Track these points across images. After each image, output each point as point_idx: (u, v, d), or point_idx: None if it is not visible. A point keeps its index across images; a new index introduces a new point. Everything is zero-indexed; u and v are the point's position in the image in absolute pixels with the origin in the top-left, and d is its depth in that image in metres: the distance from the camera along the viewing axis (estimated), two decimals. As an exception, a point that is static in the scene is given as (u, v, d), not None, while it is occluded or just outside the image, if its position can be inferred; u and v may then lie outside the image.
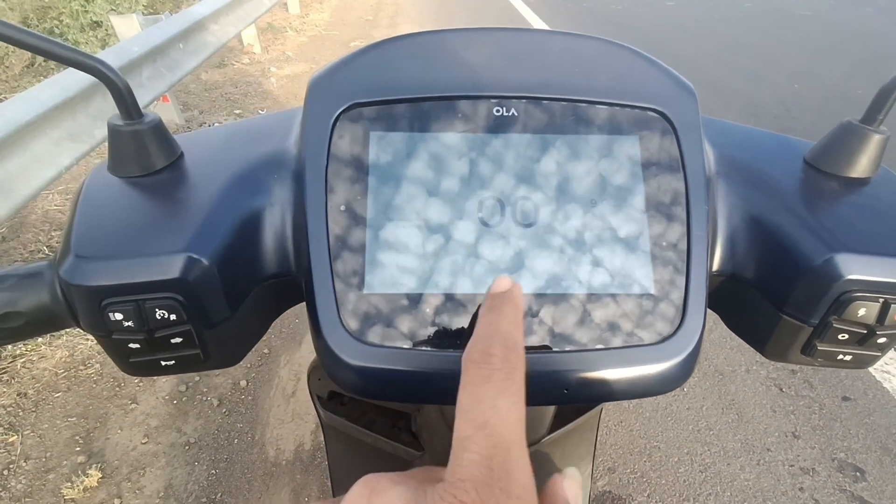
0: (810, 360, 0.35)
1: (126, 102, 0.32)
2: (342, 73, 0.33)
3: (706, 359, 1.80)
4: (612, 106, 0.33)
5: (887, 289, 0.31)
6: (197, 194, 0.33)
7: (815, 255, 0.31)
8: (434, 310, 0.30)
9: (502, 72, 0.33)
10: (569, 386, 0.30)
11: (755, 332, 0.37)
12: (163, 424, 1.60)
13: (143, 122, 0.33)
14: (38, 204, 2.52)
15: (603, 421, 1.61)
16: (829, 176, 0.36)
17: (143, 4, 4.74)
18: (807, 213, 0.33)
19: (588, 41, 0.36)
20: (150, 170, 0.33)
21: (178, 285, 0.29)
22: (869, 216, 0.33)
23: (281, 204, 0.33)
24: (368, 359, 0.30)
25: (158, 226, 0.31)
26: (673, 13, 6.40)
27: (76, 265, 0.29)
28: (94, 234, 0.30)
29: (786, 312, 0.33)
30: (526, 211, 0.31)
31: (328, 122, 0.32)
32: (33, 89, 1.80)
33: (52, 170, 1.77)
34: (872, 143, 0.35)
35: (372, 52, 0.34)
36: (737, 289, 0.36)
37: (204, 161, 0.35)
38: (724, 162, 0.36)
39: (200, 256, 0.30)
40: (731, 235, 0.35)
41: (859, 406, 1.62)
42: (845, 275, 0.31)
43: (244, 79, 4.37)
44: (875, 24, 5.58)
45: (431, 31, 0.35)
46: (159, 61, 2.60)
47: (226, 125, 0.40)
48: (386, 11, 6.93)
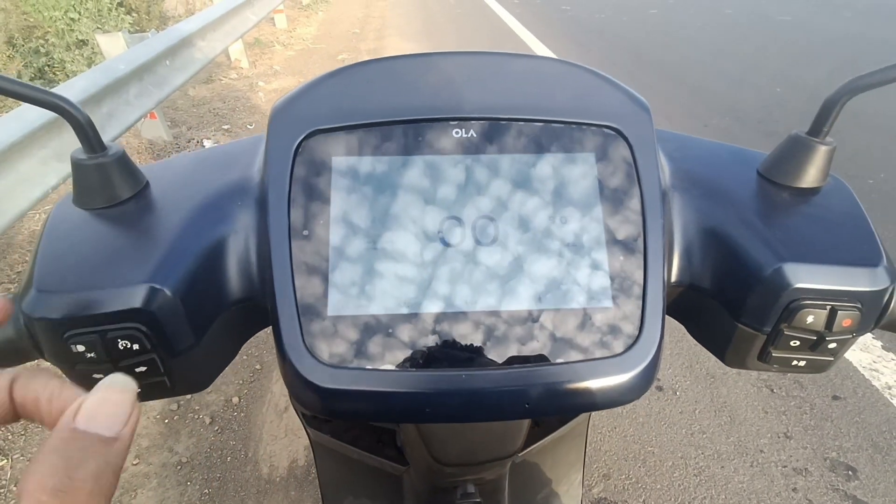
0: (767, 367, 0.36)
1: (88, 136, 0.32)
2: (303, 100, 0.34)
3: (698, 362, 1.81)
4: (569, 124, 0.34)
5: (834, 296, 0.32)
6: (161, 224, 0.33)
7: (765, 264, 0.32)
8: (396, 331, 0.31)
9: (461, 94, 0.34)
10: (529, 401, 0.31)
11: (714, 341, 0.38)
12: (154, 444, 1.58)
13: (106, 155, 0.33)
14: (25, 224, 2.50)
15: (596, 427, 1.61)
16: (780, 187, 0.37)
17: (129, 23, 4.74)
18: (758, 223, 0.34)
19: (546, 62, 0.37)
20: (114, 201, 0.34)
21: (141, 315, 0.30)
22: (817, 226, 0.34)
23: (245, 230, 0.34)
24: (332, 380, 0.30)
25: (121, 257, 0.31)
26: (655, 20, 6.50)
27: (38, 299, 0.29)
28: (56, 266, 0.31)
29: (741, 321, 0.34)
30: (485, 229, 0.32)
31: (290, 148, 0.32)
32: (20, 109, 1.80)
33: (40, 189, 1.76)
34: (820, 154, 0.36)
35: (332, 79, 0.35)
36: (695, 299, 0.37)
37: (169, 190, 0.36)
38: (679, 175, 0.37)
39: (162, 286, 0.30)
40: (688, 247, 0.36)
41: (849, 405, 1.63)
42: (793, 283, 0.32)
43: (232, 94, 4.37)
44: (854, 28, 5.69)
45: (391, 57, 0.36)
46: (146, 78, 2.60)
47: (191, 153, 0.40)
48: (373, 25, 6.98)
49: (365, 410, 0.31)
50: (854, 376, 1.72)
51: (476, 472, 0.51)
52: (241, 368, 1.83)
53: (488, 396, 0.30)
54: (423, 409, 0.31)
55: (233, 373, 1.81)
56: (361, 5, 8.51)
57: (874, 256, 0.33)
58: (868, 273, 0.32)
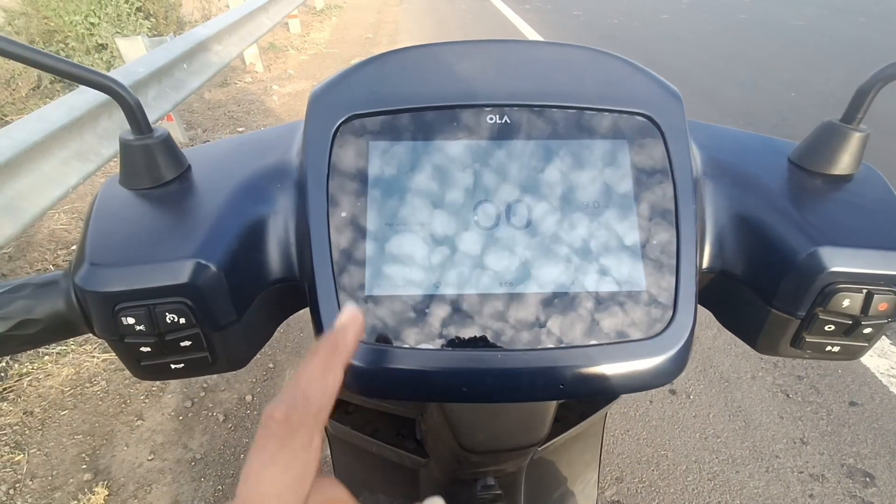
0: (800, 353, 0.35)
1: (137, 118, 0.33)
2: (341, 86, 0.35)
3: (711, 366, 1.79)
4: (602, 111, 0.34)
5: (870, 280, 0.32)
6: (204, 203, 0.34)
7: (799, 248, 0.32)
8: (432, 311, 0.31)
9: (495, 81, 0.35)
10: (564, 381, 0.31)
11: (746, 327, 0.38)
12: (169, 440, 1.60)
13: (152, 137, 0.34)
14: (45, 223, 2.55)
15: (609, 430, 1.60)
16: (812, 174, 0.37)
17: (147, 27, 4.82)
18: (791, 209, 0.34)
19: (577, 50, 0.37)
20: (159, 181, 0.35)
21: (188, 290, 0.31)
22: (851, 211, 0.34)
23: (284, 212, 0.35)
24: (369, 359, 0.31)
25: (168, 234, 0.32)
26: (668, 26, 6.48)
27: (91, 272, 0.31)
28: (107, 242, 0.32)
29: (774, 306, 0.34)
30: (521, 214, 0.32)
31: (329, 132, 0.33)
32: (42, 110, 1.84)
33: (60, 189, 1.79)
34: (853, 141, 0.36)
35: (370, 65, 0.36)
36: (727, 285, 0.37)
37: (210, 172, 0.37)
38: (710, 163, 0.38)
39: (208, 262, 0.31)
40: (720, 233, 0.36)
41: (867, 411, 1.61)
42: (829, 267, 0.32)
43: (247, 97, 4.43)
44: (868, 33, 5.64)
45: (427, 45, 0.37)
46: (164, 81, 2.64)
47: (231, 138, 0.41)
48: (386, 30, 7.03)
49: (402, 389, 0.32)
50: (871, 382, 1.69)
51: (499, 461, 0.51)
52: (254, 367, 1.84)
53: (525, 376, 0.31)
54: (460, 388, 0.31)
55: (246, 371, 1.83)
56: (374, 11, 8.58)
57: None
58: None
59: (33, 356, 1.88)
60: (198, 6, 6.44)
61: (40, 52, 0.29)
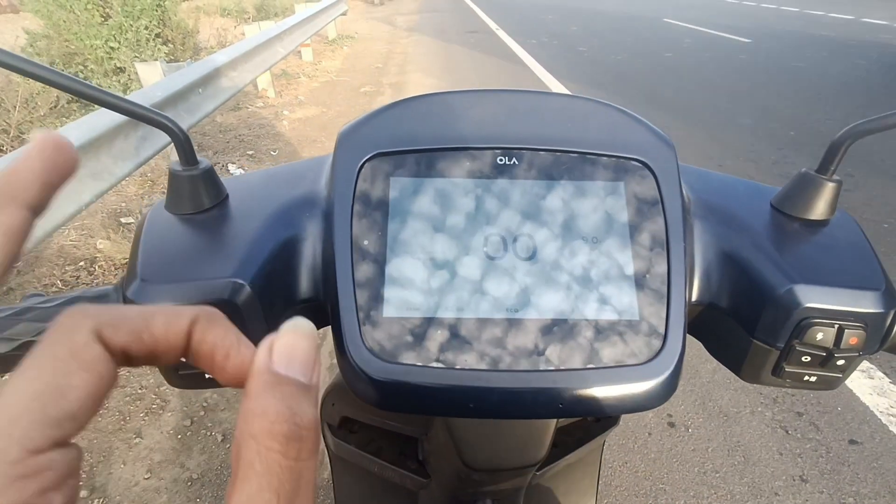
0: (781, 381, 0.38)
1: (185, 151, 0.37)
2: (368, 126, 0.39)
3: (711, 399, 1.79)
4: (601, 156, 0.38)
5: (841, 316, 0.35)
6: (240, 229, 0.38)
7: (778, 285, 0.36)
8: (444, 333, 0.34)
9: (505, 126, 0.39)
10: (563, 401, 0.34)
11: (731, 356, 0.41)
12: (166, 459, 1.60)
13: (198, 168, 0.38)
14: (54, 239, 2.59)
15: (607, 461, 1.60)
16: (791, 218, 0.40)
17: (165, 52, 4.97)
18: (772, 249, 0.38)
19: (580, 101, 0.41)
20: (200, 208, 0.39)
21: (226, 306, 0.34)
22: (825, 253, 0.38)
23: (312, 238, 0.38)
24: (387, 374, 0.33)
25: (208, 255, 0.36)
26: (671, 63, 6.65)
27: (142, 287, 0.34)
28: (155, 261, 0.35)
29: (756, 337, 0.37)
30: (526, 246, 0.36)
31: (355, 167, 0.37)
32: (61, 130, 1.90)
33: (73, 206, 1.84)
34: (827, 190, 0.39)
35: (393, 109, 0.40)
36: (714, 316, 0.40)
37: (246, 201, 0.40)
38: (700, 204, 0.41)
39: (244, 281, 0.34)
40: (707, 269, 0.39)
41: (867, 450, 1.60)
42: (804, 303, 0.35)
43: (258, 121, 4.53)
44: (866, 76, 5.77)
45: (444, 92, 0.41)
46: (180, 105, 2.73)
47: (265, 170, 0.45)
48: (395, 60, 7.22)
49: (415, 402, 0.34)
50: (871, 421, 1.69)
51: (499, 480, 0.53)
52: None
53: (526, 395, 0.34)
54: (466, 404, 0.34)
55: (246, 391, 1.83)
56: (385, 42, 8.83)
57: (878, 282, 0.36)
58: (872, 296, 0.35)
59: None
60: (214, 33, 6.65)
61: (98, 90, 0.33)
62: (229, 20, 8.24)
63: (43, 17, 4.73)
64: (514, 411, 0.35)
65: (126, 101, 0.34)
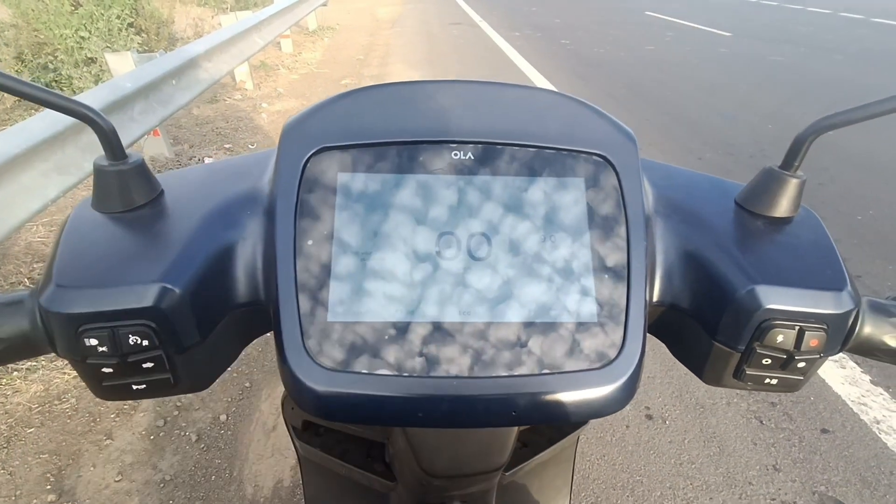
0: (742, 384, 0.37)
1: (112, 144, 0.34)
2: (314, 118, 0.36)
3: (688, 391, 1.81)
4: (560, 151, 0.36)
5: (802, 317, 0.34)
6: (173, 228, 0.35)
7: (738, 286, 0.34)
8: (391, 338, 0.32)
9: (459, 119, 0.36)
10: (517, 408, 0.32)
11: (693, 359, 0.40)
12: (138, 461, 1.56)
13: (126, 163, 0.35)
14: (22, 235, 2.51)
15: (584, 455, 1.60)
16: (755, 216, 0.39)
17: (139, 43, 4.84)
18: (734, 248, 0.36)
19: (539, 93, 0.39)
20: (131, 206, 0.36)
21: (151, 313, 0.31)
22: (787, 252, 0.36)
23: (253, 238, 0.36)
24: (329, 383, 0.31)
25: (135, 257, 0.33)
26: (652, 57, 6.68)
27: (56, 294, 0.31)
28: (74, 264, 0.32)
29: (717, 339, 0.36)
30: (479, 246, 0.34)
31: (299, 163, 0.34)
32: (25, 122, 1.83)
33: (39, 202, 1.78)
34: (791, 186, 0.38)
35: (342, 100, 0.37)
36: (676, 318, 0.38)
37: (182, 197, 0.37)
38: (662, 202, 0.39)
39: (173, 286, 0.32)
40: (669, 269, 0.38)
41: (838, 438, 1.63)
42: (764, 304, 0.34)
43: (235, 114, 4.45)
44: (844, 71, 5.86)
45: (396, 83, 0.39)
46: (152, 97, 2.65)
47: (205, 164, 0.42)
48: (377, 52, 7.14)
49: (360, 413, 0.32)
50: (843, 410, 1.72)
51: (463, 485, 0.51)
52: (230, 386, 1.82)
53: (478, 403, 0.32)
54: (415, 414, 0.32)
55: (221, 390, 1.80)
56: (367, 33, 8.72)
57: (839, 281, 0.35)
58: (833, 297, 0.34)
59: (2, 372, 1.83)
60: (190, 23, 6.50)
61: (12, 78, 0.30)
62: (206, 10, 8.04)
63: (11, 6, 4.57)
64: (465, 420, 0.33)
65: (42, 90, 0.31)
